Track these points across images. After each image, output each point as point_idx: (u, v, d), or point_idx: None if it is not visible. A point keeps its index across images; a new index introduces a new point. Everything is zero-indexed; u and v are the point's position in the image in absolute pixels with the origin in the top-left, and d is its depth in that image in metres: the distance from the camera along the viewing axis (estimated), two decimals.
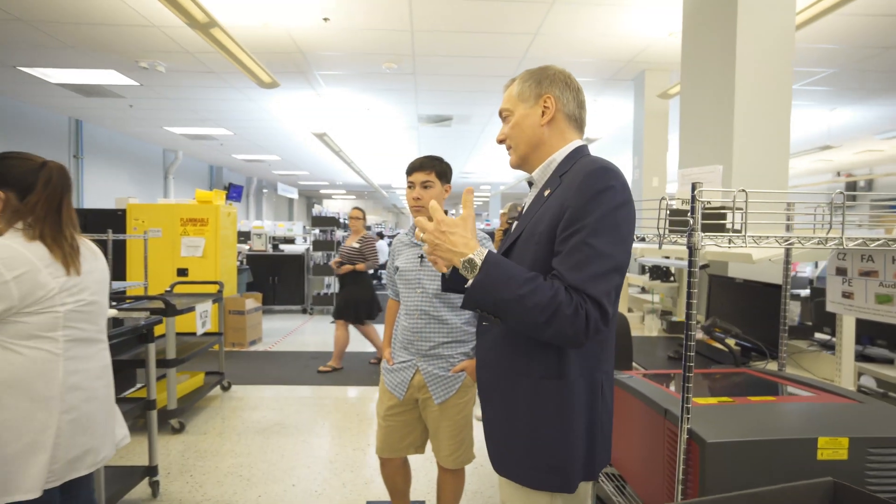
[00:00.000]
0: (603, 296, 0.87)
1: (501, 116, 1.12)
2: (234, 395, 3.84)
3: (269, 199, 15.41)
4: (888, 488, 1.04)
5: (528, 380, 0.98)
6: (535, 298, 0.85)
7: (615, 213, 0.91)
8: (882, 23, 3.89)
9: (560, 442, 0.96)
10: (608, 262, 0.88)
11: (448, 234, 0.92)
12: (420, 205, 1.69)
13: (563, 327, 0.85)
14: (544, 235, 0.95)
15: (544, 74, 1.06)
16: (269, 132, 8.15)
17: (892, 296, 1.26)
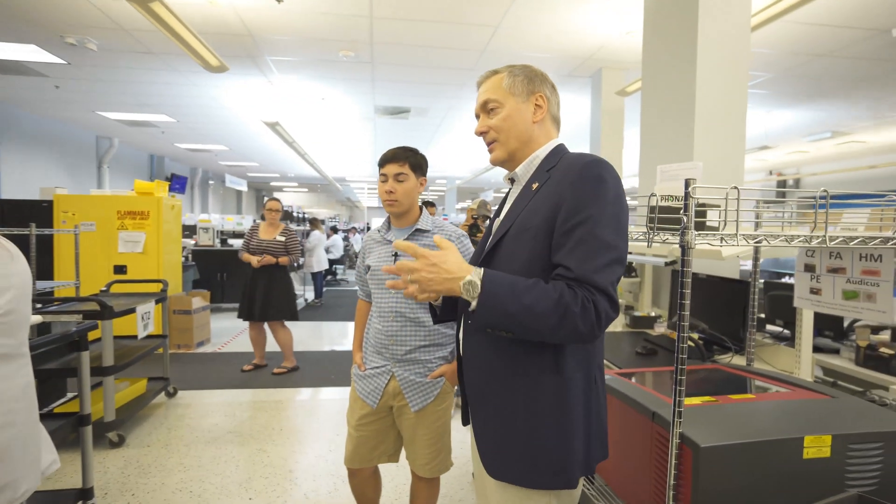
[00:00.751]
0: (609, 285, 0.88)
1: (486, 108, 1.08)
2: (181, 401, 3.58)
3: (215, 191, 14.64)
4: (867, 482, 1.06)
5: (524, 378, 0.96)
6: (542, 304, 0.85)
7: (614, 204, 0.92)
8: (814, 31, 4.13)
9: (560, 439, 0.95)
10: (612, 253, 0.89)
11: (440, 265, 0.89)
12: (394, 198, 1.59)
13: (576, 326, 0.85)
14: (541, 229, 0.95)
15: (534, 73, 1.08)
16: (215, 120, 7.69)
17: (859, 292, 1.29)
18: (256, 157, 11.35)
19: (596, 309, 0.86)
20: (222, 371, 4.32)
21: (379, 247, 1.68)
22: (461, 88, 5.94)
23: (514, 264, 0.97)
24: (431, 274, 0.89)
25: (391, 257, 1.62)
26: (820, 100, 6.21)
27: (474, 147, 9.54)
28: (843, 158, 10.01)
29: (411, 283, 0.91)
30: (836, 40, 4.34)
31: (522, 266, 0.95)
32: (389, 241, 1.65)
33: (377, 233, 1.72)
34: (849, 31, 4.13)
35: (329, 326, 6.45)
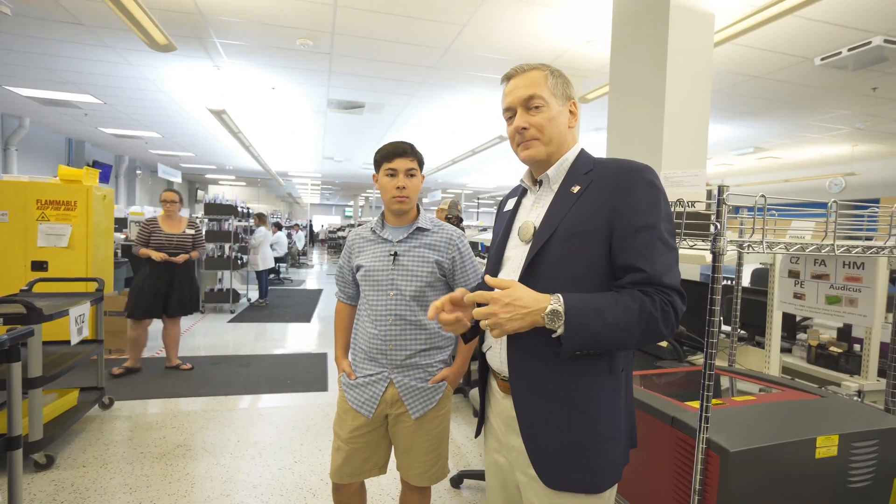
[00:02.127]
0: (678, 283, 0.93)
1: (529, 104, 1.04)
2: (119, 413, 3.24)
3: (143, 181, 13.53)
4: (866, 477, 1.13)
5: (586, 379, 0.98)
6: (627, 318, 0.88)
7: (666, 208, 0.97)
8: (751, 54, 4.47)
9: (614, 437, 0.99)
10: (674, 253, 0.95)
11: (514, 304, 0.87)
12: (405, 195, 1.50)
13: (659, 329, 0.90)
14: (598, 231, 0.96)
15: (566, 79, 1.09)
16: (150, 105, 7.08)
17: (842, 297, 1.38)
18: (192, 146, 10.60)
19: (674, 309, 0.90)
20: (163, 379, 3.97)
21: (372, 246, 1.59)
22: (420, 86, 5.87)
23: (567, 268, 0.97)
24: (510, 313, 0.87)
25: (388, 257, 1.53)
26: (749, 117, 6.75)
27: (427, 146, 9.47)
28: (761, 172, 10.99)
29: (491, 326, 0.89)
30: (769, 64, 4.72)
31: (578, 270, 0.96)
32: (386, 239, 1.56)
33: (369, 231, 1.62)
34: (781, 56, 4.50)
35: (277, 328, 6.14)
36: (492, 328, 0.88)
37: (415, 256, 1.52)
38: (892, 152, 8.42)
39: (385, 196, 1.53)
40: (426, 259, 1.52)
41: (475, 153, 9.23)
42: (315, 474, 2.53)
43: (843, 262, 1.38)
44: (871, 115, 6.21)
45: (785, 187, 11.13)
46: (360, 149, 10.32)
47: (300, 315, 7.02)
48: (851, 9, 3.52)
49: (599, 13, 3.80)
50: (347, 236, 1.70)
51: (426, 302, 1.52)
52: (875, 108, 5.93)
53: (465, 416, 3.38)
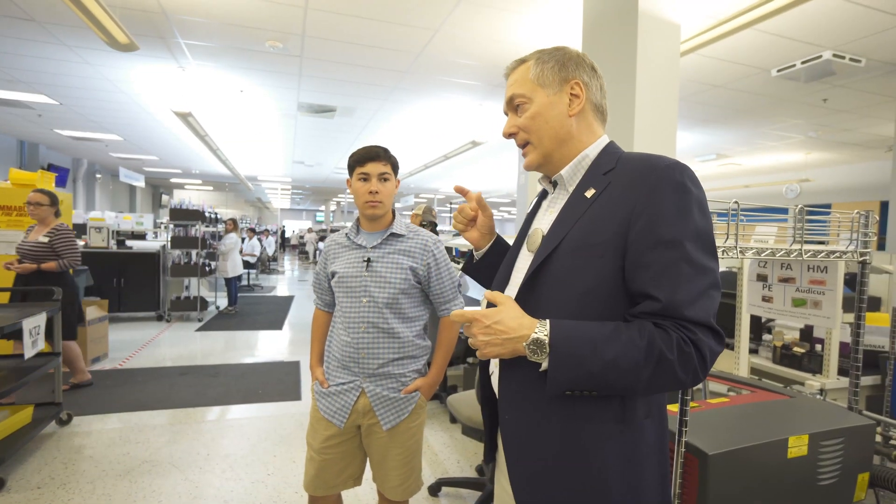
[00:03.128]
0: (710, 316, 0.74)
1: (512, 105, 0.93)
2: (78, 429, 3.07)
3: (104, 186, 12.98)
4: (834, 474, 1.17)
5: (584, 424, 0.80)
6: (630, 357, 0.71)
7: (702, 217, 0.77)
8: (713, 65, 4.65)
9: (631, 499, 0.81)
10: (707, 277, 0.75)
11: (494, 325, 0.76)
12: (378, 199, 1.48)
13: (675, 375, 0.71)
14: (611, 246, 0.78)
15: (567, 56, 0.91)
16: (110, 106, 6.80)
17: (807, 299, 1.44)
18: (156, 150, 10.24)
19: (698, 351, 0.71)
20: (127, 391, 3.79)
21: (347, 252, 1.56)
22: (392, 90, 5.84)
23: (575, 287, 0.80)
24: (488, 337, 0.76)
25: (362, 263, 1.50)
26: (711, 125, 7.01)
27: (400, 151, 9.44)
28: (723, 178, 11.42)
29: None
30: (730, 74, 4.91)
31: (587, 290, 0.80)
32: (360, 245, 1.54)
33: (344, 237, 1.60)
34: (741, 67, 4.70)
35: (247, 336, 5.97)
36: (474, 348, 0.79)
37: (389, 263, 1.51)
38: (843, 160, 8.90)
39: (358, 201, 1.51)
40: (400, 265, 1.51)
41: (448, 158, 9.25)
42: (289, 487, 2.46)
43: (807, 266, 1.44)
44: (822, 124, 6.55)
45: (745, 192, 11.60)
46: (332, 153, 10.20)
47: (271, 322, 6.85)
48: (803, 24, 3.70)
49: (570, 21, 3.88)
50: (324, 242, 1.66)
51: (400, 310, 1.50)
52: (826, 119, 6.26)
53: (441, 423, 3.36)
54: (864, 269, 1.30)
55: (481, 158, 9.95)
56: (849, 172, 9.54)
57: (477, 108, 6.44)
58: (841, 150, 8.10)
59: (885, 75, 4.55)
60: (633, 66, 2.80)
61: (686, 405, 1.04)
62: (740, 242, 1.19)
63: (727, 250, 1.09)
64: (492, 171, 11.82)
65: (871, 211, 1.30)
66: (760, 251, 1.18)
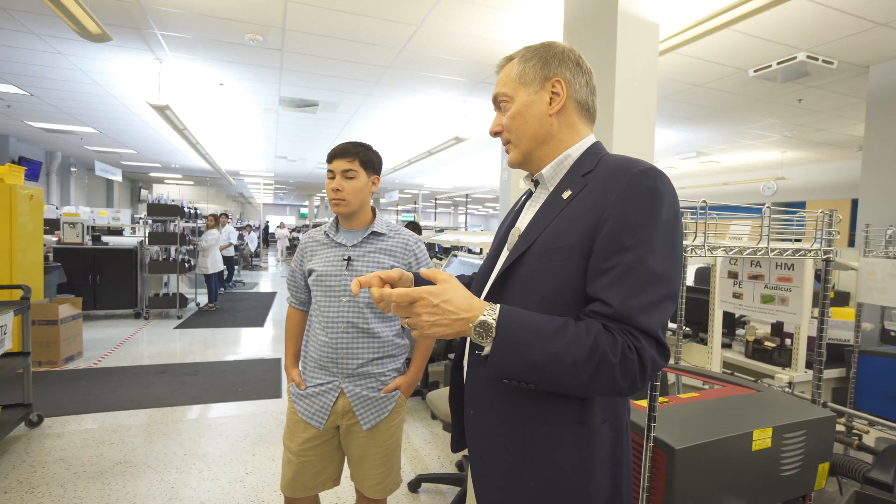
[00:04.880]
0: (659, 328, 0.73)
1: (496, 103, 0.93)
2: (49, 431, 3.00)
3: (79, 180, 12.63)
4: (796, 465, 1.20)
5: (542, 427, 0.81)
6: (574, 353, 0.70)
7: (670, 225, 0.76)
8: (693, 64, 4.71)
9: (581, 501, 0.81)
10: (664, 287, 0.74)
11: (443, 305, 0.72)
12: (341, 197, 1.47)
13: (613, 380, 0.70)
14: (576, 250, 0.78)
15: (550, 52, 0.89)
16: (84, 98, 6.62)
17: (775, 296, 1.48)
18: (134, 143, 10.00)
19: (640, 359, 0.71)
20: (101, 391, 3.71)
21: (325, 250, 1.54)
22: (375, 86, 5.80)
23: (539, 291, 0.80)
24: (434, 317, 0.72)
25: (342, 262, 1.49)
26: (691, 123, 7.12)
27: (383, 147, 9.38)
28: (703, 175, 11.62)
29: (412, 325, 0.75)
30: (709, 74, 4.99)
31: (550, 294, 0.79)
32: (339, 243, 1.52)
33: (322, 234, 1.58)
34: (719, 67, 4.77)
35: (228, 333, 5.90)
36: (412, 328, 0.75)
37: (370, 262, 1.50)
38: (816, 159, 9.12)
39: (328, 198, 1.51)
40: (381, 265, 1.50)
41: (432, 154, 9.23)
42: (268, 486, 2.44)
43: (775, 264, 1.48)
44: (798, 124, 6.70)
45: (724, 190, 11.82)
46: (315, 148, 10.09)
47: (253, 319, 6.78)
48: (779, 26, 3.78)
49: (552, 19, 3.90)
50: (300, 239, 1.64)
51: (380, 310, 1.49)
52: (800, 118, 6.41)
53: (422, 419, 3.37)
54: (827, 267, 1.34)
55: (465, 154, 9.96)
56: (822, 171, 9.79)
57: (460, 105, 6.43)
58: (815, 149, 8.31)
59: (855, 77, 4.67)
60: (612, 65, 2.82)
61: (654, 401, 1.06)
62: (711, 240, 1.21)
63: (696, 249, 1.11)
64: (475, 167, 11.83)
65: (835, 210, 1.33)
66: (729, 249, 1.21)
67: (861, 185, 4.37)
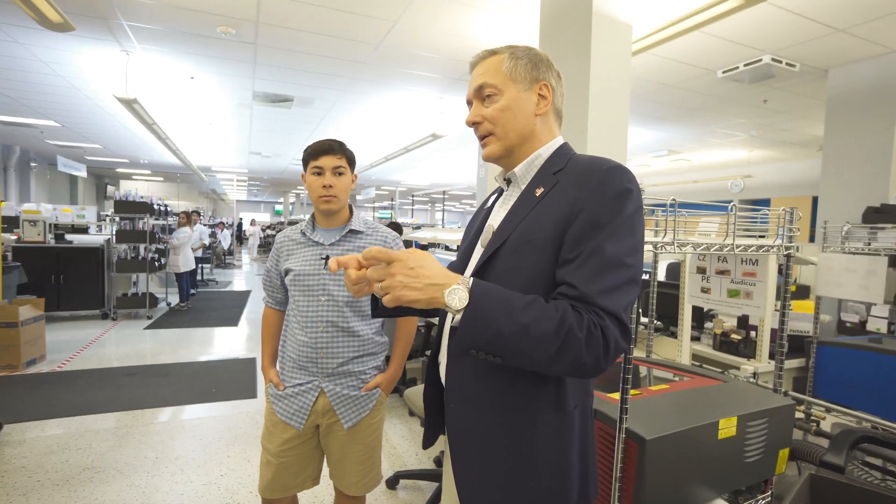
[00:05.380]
0: (622, 310, 0.76)
1: (481, 94, 0.93)
2: (9, 439, 2.88)
3: (40, 175, 12.12)
4: (758, 451, 1.26)
5: (522, 414, 0.85)
6: (542, 326, 0.72)
7: (633, 217, 0.81)
8: (665, 65, 4.83)
9: (560, 485, 0.85)
10: (627, 272, 0.78)
11: (419, 269, 0.74)
12: (332, 194, 1.45)
13: (580, 356, 0.72)
14: (549, 241, 0.82)
15: (539, 57, 0.94)
16: (45, 90, 6.35)
17: (740, 290, 1.54)
18: (99, 137, 9.65)
19: (604, 337, 0.73)
20: (66, 395, 3.59)
21: (302, 249, 1.52)
22: (352, 82, 5.75)
23: (513, 284, 0.82)
24: (409, 279, 0.73)
25: (320, 261, 1.48)
26: (663, 122, 7.29)
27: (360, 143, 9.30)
28: (673, 173, 11.92)
29: (383, 291, 0.74)
30: (680, 74, 5.12)
31: (523, 286, 0.82)
32: (317, 242, 1.51)
33: (298, 233, 1.56)
34: (689, 67, 4.90)
35: (200, 333, 5.76)
36: (384, 291, 0.74)
37: None
38: (780, 157, 9.47)
39: (312, 195, 1.48)
40: None
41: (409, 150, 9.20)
42: (244, 487, 2.41)
43: (741, 259, 1.54)
44: (763, 124, 6.94)
45: (694, 187, 12.15)
46: (290, 144, 9.93)
47: (226, 318, 6.64)
48: (745, 29, 3.91)
49: (528, 18, 3.93)
50: (276, 238, 1.62)
51: (359, 307, 1.49)
52: (766, 119, 6.64)
53: (400, 416, 3.37)
54: (788, 262, 1.40)
55: (442, 151, 9.96)
56: (786, 169, 10.17)
57: (437, 101, 6.43)
58: (779, 148, 8.62)
59: (816, 80, 4.87)
60: (587, 64, 2.87)
61: (626, 394, 1.10)
62: (680, 237, 1.25)
63: (665, 245, 1.14)
64: (452, 164, 11.85)
65: (796, 208, 1.40)
66: (697, 245, 1.25)
67: (821, 184, 4.57)
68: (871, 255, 1.87)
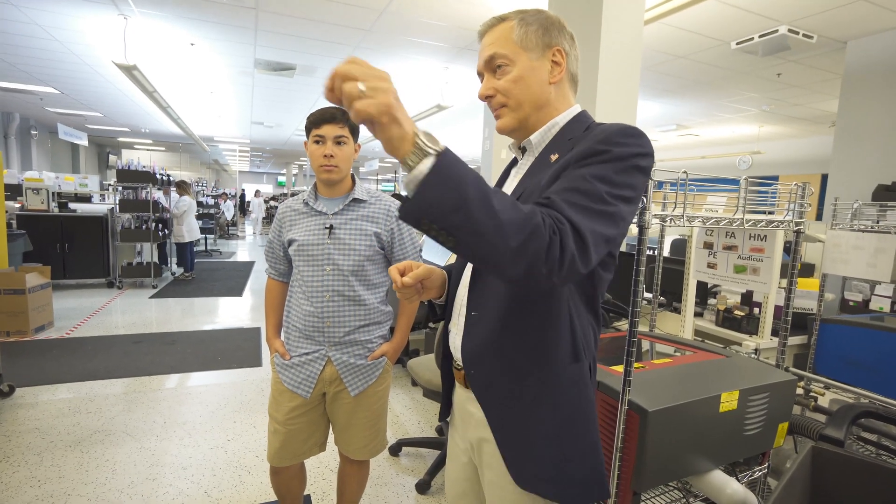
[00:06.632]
0: (587, 230, 0.67)
1: (492, 66, 0.88)
2: (21, 401, 2.95)
3: (41, 143, 12.03)
4: (758, 425, 1.28)
5: (546, 367, 0.85)
6: (509, 214, 0.62)
7: (634, 159, 0.74)
8: (677, 35, 4.69)
9: (591, 443, 0.86)
10: (604, 206, 0.70)
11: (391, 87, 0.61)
12: (333, 164, 1.43)
13: (538, 254, 0.63)
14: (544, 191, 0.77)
15: (550, 21, 0.88)
16: (43, 56, 6.23)
17: (747, 266, 1.53)
18: (100, 105, 9.53)
19: (562, 246, 0.65)
20: (76, 360, 3.65)
21: (305, 219, 1.51)
22: (355, 50, 5.62)
23: None
24: (384, 84, 0.59)
25: (323, 230, 1.47)
26: (673, 95, 7.13)
27: None
28: (682, 148, 11.74)
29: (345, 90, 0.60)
30: (692, 45, 4.97)
31: None
32: (320, 211, 1.49)
33: (301, 203, 1.54)
34: (703, 38, 4.75)
35: (205, 302, 5.83)
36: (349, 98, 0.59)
37: (352, 229, 1.48)
38: (791, 134, 9.29)
39: (313, 164, 1.46)
40: (364, 232, 1.48)
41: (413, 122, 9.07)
42: (250, 451, 2.48)
43: (749, 235, 1.52)
44: (775, 98, 6.78)
45: (702, 163, 11.99)
46: (293, 114, 9.79)
47: (231, 288, 6.70)
48: None
49: None
50: (278, 208, 1.61)
51: (365, 276, 1.49)
52: (778, 93, 6.48)
53: (403, 386, 3.43)
54: (797, 238, 1.39)
55: (447, 123, 9.81)
56: (796, 146, 9.99)
57: (443, 72, 6.29)
58: (790, 123, 8.45)
59: (833, 52, 4.72)
60: (598, 32, 2.78)
61: (630, 366, 1.10)
62: (689, 211, 1.24)
63: (675, 219, 1.13)
64: (457, 136, 11.69)
65: (808, 183, 1.37)
66: (706, 220, 1.23)
67: (832, 160, 4.49)
68: (881, 232, 1.85)
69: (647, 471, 1.11)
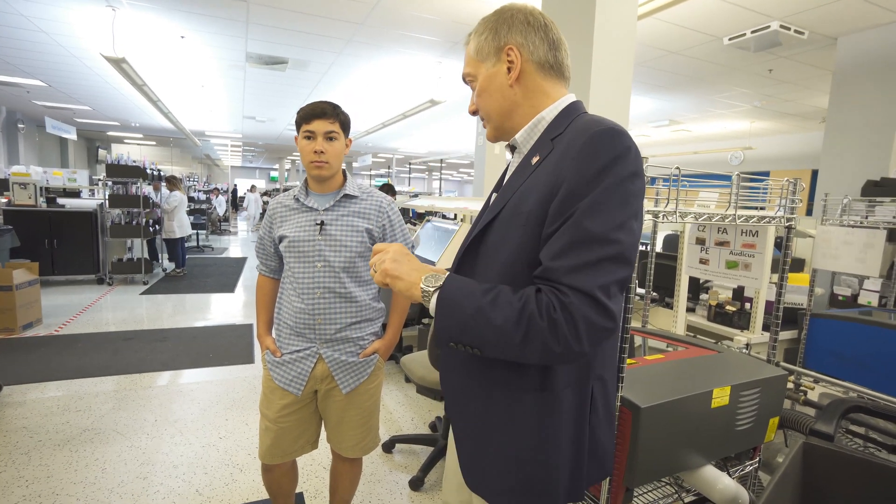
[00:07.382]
0: (595, 287, 0.68)
1: (466, 83, 0.93)
2: (9, 399, 2.91)
3: (28, 137, 11.84)
4: (750, 420, 1.28)
5: (503, 391, 0.83)
6: (504, 314, 0.69)
7: (623, 186, 0.72)
8: (669, 30, 4.69)
9: (540, 464, 0.82)
10: (608, 249, 0.70)
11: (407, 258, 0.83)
12: (324, 160, 1.41)
13: (546, 344, 0.67)
14: (533, 216, 0.77)
15: (500, 19, 0.85)
16: (29, 47, 6.12)
17: (739, 262, 1.53)
18: (88, 99, 9.39)
19: (571, 317, 0.66)
20: (65, 358, 3.61)
21: (296, 215, 1.49)
22: (348, 44, 5.56)
23: (500, 258, 0.81)
24: (381, 260, 0.83)
25: (314, 227, 1.46)
26: (665, 91, 7.14)
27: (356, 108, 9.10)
28: (675, 144, 11.79)
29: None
30: (685, 41, 4.98)
31: (507, 260, 0.80)
32: (311, 207, 1.48)
33: (292, 199, 1.52)
34: (694, 34, 4.76)
35: (197, 299, 5.78)
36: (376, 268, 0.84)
37: (343, 225, 1.46)
38: (782, 129, 9.35)
39: (304, 160, 1.44)
40: (356, 228, 1.47)
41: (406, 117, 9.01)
42: (242, 449, 2.46)
43: (741, 230, 1.53)
44: (767, 94, 6.81)
45: (694, 159, 12.04)
46: (285, 109, 9.70)
47: (223, 285, 6.65)
48: None
49: None
50: (269, 204, 1.58)
51: (357, 273, 1.48)
52: (770, 89, 6.51)
53: (396, 382, 3.42)
54: (789, 234, 1.39)
55: (440, 118, 9.77)
56: (786, 142, 10.06)
57: (436, 66, 6.25)
58: (781, 119, 8.50)
59: (824, 48, 4.75)
60: (591, 27, 2.77)
61: (622, 363, 1.10)
62: (681, 207, 1.23)
63: (668, 215, 1.13)
64: (451, 131, 11.65)
65: (799, 179, 1.37)
66: (699, 216, 1.23)
67: (822, 156, 4.52)
68: (870, 228, 1.86)
69: (639, 467, 1.11)
